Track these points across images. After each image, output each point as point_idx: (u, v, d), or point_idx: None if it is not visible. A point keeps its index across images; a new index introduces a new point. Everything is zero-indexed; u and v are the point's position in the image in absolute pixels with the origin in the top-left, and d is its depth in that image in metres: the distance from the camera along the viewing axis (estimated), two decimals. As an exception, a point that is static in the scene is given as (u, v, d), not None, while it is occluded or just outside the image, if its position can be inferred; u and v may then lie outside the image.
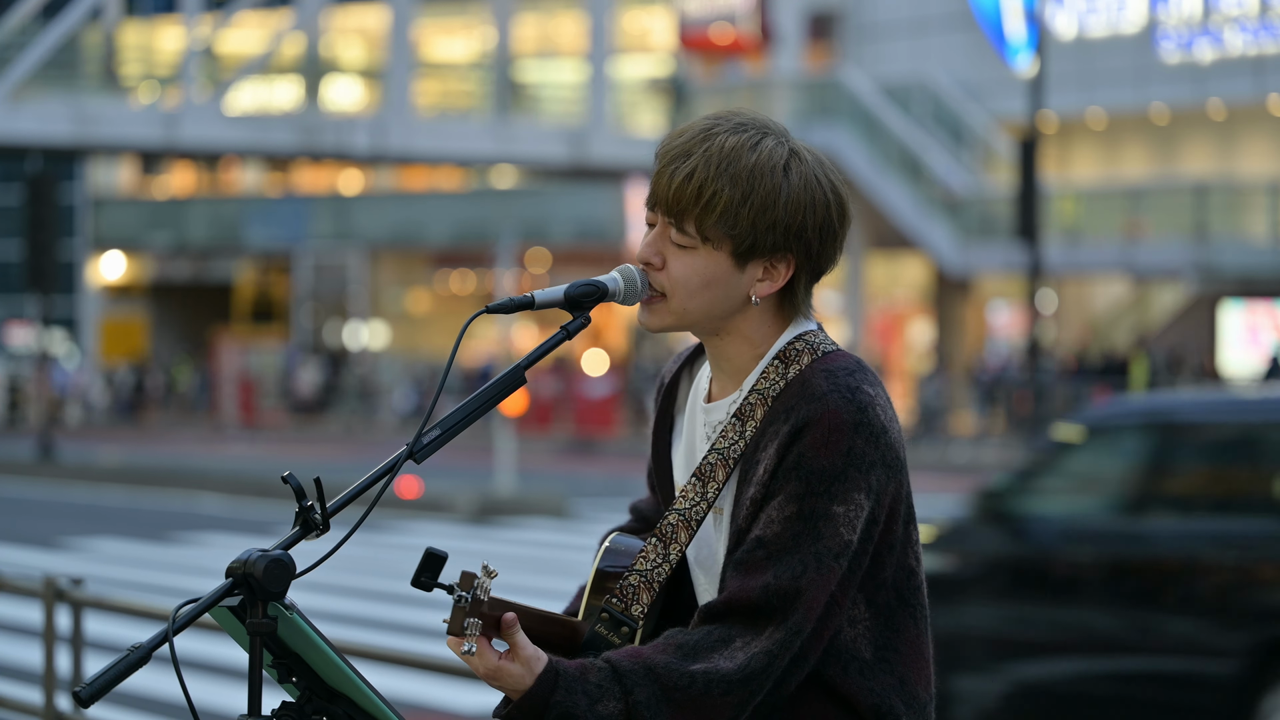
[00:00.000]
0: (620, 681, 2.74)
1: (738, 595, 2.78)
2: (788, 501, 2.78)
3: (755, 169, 2.84)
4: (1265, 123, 39.94)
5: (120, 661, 2.60)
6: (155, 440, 38.67)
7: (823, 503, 2.78)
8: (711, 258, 2.86)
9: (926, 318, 44.16)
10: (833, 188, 2.91)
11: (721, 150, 2.84)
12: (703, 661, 2.76)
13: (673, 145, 2.88)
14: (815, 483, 2.78)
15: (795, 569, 2.77)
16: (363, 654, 5.86)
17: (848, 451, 2.78)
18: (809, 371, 2.85)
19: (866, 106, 41.04)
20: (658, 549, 2.92)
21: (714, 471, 2.88)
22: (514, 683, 2.73)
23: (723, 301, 2.88)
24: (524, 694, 2.73)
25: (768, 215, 2.84)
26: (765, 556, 2.78)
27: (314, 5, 38.43)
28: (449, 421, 2.79)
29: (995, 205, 38.67)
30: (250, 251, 54.47)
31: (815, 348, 2.89)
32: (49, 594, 6.63)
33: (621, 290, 2.90)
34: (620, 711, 2.73)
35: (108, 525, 20.58)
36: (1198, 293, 37.43)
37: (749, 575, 2.79)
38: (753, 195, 2.83)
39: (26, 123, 36.93)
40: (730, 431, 2.88)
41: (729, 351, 2.93)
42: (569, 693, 2.73)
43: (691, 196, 2.84)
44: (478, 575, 2.74)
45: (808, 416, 2.79)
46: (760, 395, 2.87)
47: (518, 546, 18.42)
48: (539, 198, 49.06)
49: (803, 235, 2.86)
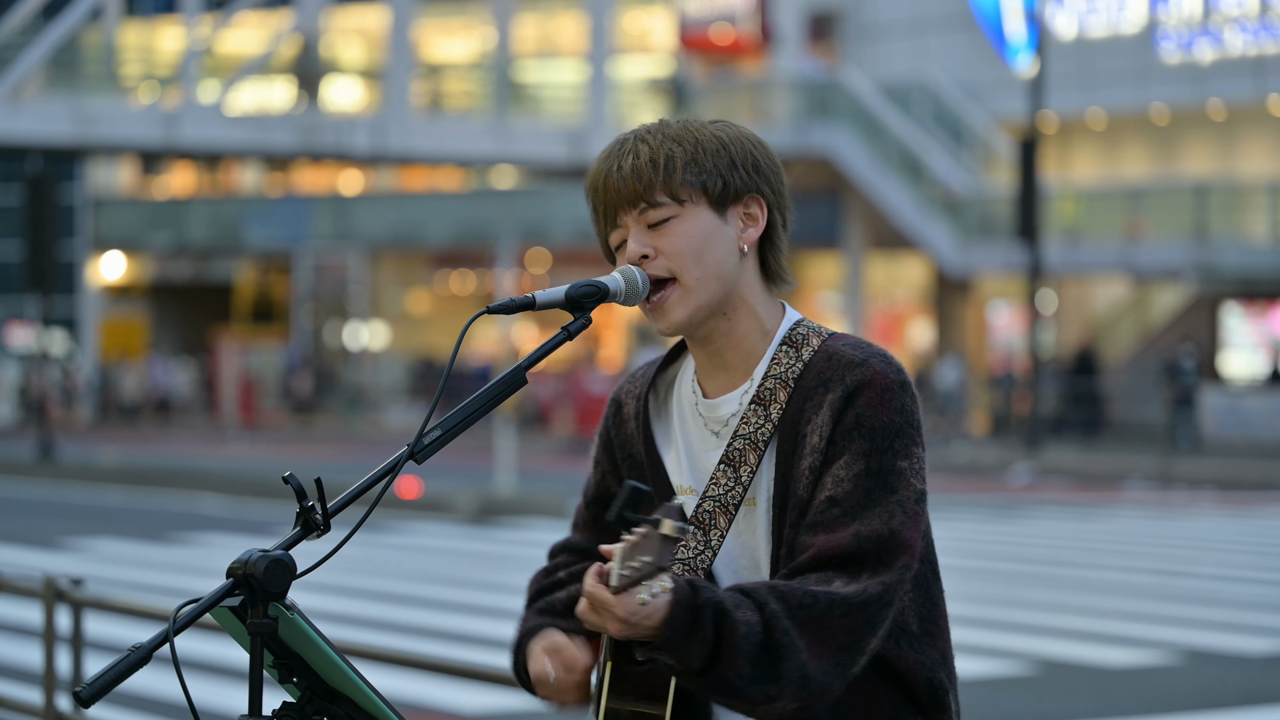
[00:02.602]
0: (750, 595, 2.73)
1: (825, 549, 2.78)
2: (854, 459, 2.81)
3: (688, 129, 2.93)
4: (1265, 123, 39.92)
5: (121, 662, 2.60)
6: (155, 440, 38.67)
7: (889, 459, 2.80)
8: (694, 214, 2.90)
9: (926, 318, 44.16)
10: (756, 137, 2.98)
11: (650, 132, 2.93)
12: (819, 586, 2.75)
13: (599, 166, 2.94)
14: (880, 439, 2.81)
15: (883, 515, 2.78)
16: (363, 654, 5.86)
17: (901, 409, 2.83)
18: (827, 348, 2.90)
19: (866, 107, 41.04)
20: (698, 537, 2.91)
21: (744, 455, 2.89)
22: (653, 603, 2.64)
23: (725, 259, 2.91)
24: (670, 606, 2.65)
25: (724, 156, 2.91)
26: (842, 514, 2.79)
27: (314, 5, 38.43)
28: (450, 422, 2.79)
29: (995, 205, 38.67)
30: (250, 251, 54.46)
31: (819, 331, 2.94)
32: (49, 594, 6.63)
33: (623, 291, 2.90)
34: (758, 621, 2.70)
35: (108, 525, 20.57)
36: (1198, 293, 37.42)
37: (831, 531, 2.79)
38: (700, 145, 2.91)
39: (26, 123, 36.94)
40: (753, 417, 2.89)
41: (739, 333, 2.94)
42: (712, 591, 2.71)
43: (648, 169, 2.89)
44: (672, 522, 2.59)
45: (859, 379, 2.83)
46: (778, 380, 2.89)
47: (518, 547, 18.42)
48: (539, 198, 49.05)
49: (760, 170, 2.93)
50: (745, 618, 2.69)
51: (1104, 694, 10.94)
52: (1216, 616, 13.84)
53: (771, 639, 2.69)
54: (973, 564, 16.69)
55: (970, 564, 16.63)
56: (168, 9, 49.24)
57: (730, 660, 2.68)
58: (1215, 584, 15.93)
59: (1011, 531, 20.73)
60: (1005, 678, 11.35)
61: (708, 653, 2.67)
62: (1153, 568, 17.10)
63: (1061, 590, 15.30)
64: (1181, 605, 14.46)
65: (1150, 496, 25.95)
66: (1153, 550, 18.81)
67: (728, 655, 2.67)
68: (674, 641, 2.66)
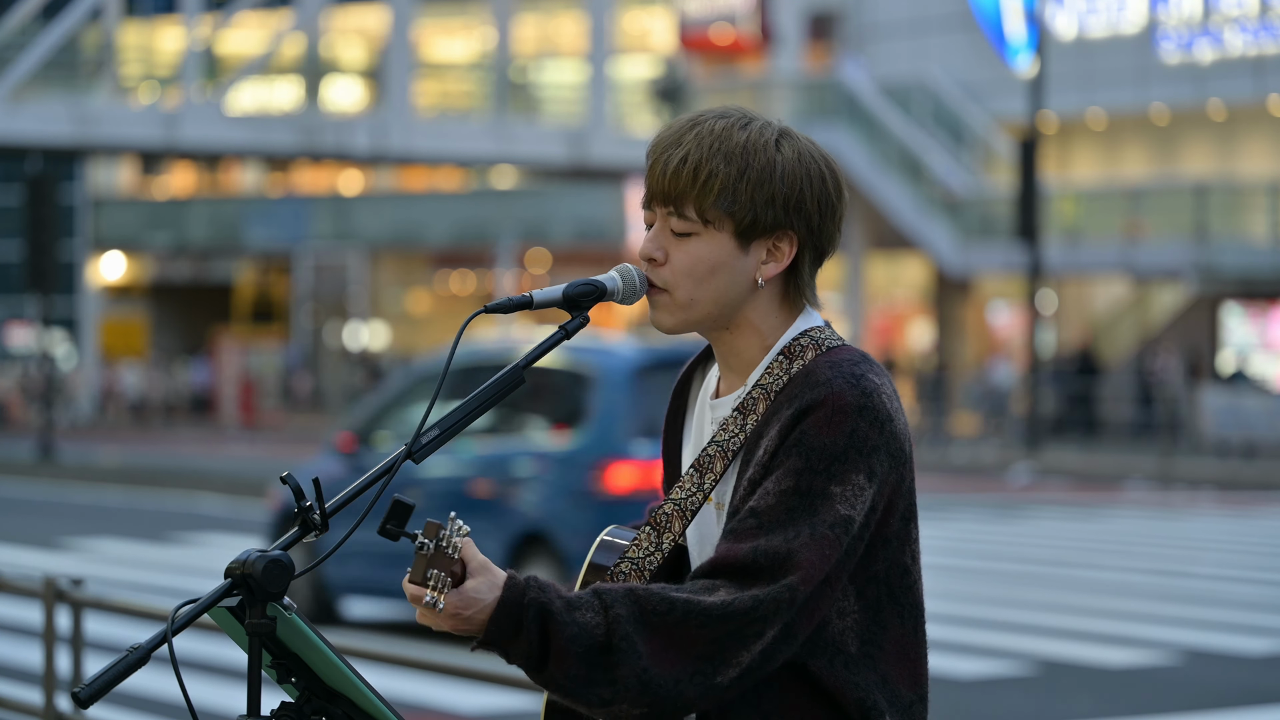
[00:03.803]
0: (600, 597, 2.71)
1: (724, 556, 2.75)
2: (785, 476, 2.76)
3: (748, 145, 2.84)
4: (1265, 123, 39.93)
5: (119, 662, 2.60)
6: (155, 440, 38.67)
7: (820, 480, 2.75)
8: (714, 240, 2.85)
9: (926, 318, 44.15)
10: (826, 162, 2.89)
11: (712, 132, 2.85)
12: (685, 594, 2.73)
13: (662, 139, 2.88)
14: (815, 460, 2.75)
15: (788, 534, 2.73)
16: (363, 654, 5.85)
17: (850, 433, 2.76)
18: (813, 364, 2.84)
19: (866, 107, 41.04)
20: (650, 537, 2.91)
21: (712, 463, 2.87)
22: (482, 600, 2.67)
23: (730, 288, 2.87)
24: (495, 604, 2.67)
25: (766, 189, 2.83)
26: (756, 525, 2.75)
27: (314, 5, 38.43)
28: (448, 421, 2.79)
29: (995, 205, 38.67)
30: (250, 252, 54.46)
31: (820, 343, 2.88)
32: (49, 594, 6.63)
33: (620, 289, 2.89)
34: (599, 624, 2.69)
35: (108, 525, 20.57)
36: (1198, 293, 37.43)
37: (738, 540, 2.76)
38: (749, 170, 2.83)
39: (26, 123, 36.92)
40: (731, 424, 2.87)
41: (739, 346, 2.91)
42: (543, 591, 2.69)
43: (688, 179, 2.83)
44: (444, 526, 2.63)
45: (812, 399, 2.78)
46: (763, 390, 2.86)
47: (518, 547, 18.39)
48: (539, 198, 49.05)
49: (802, 208, 2.86)
50: (582, 619, 2.68)
51: (1104, 694, 10.93)
52: (1216, 616, 13.84)
53: (610, 643, 2.69)
54: (973, 564, 16.69)
55: (970, 564, 16.63)
56: (168, 9, 49.22)
57: (559, 661, 2.69)
58: (1215, 584, 15.93)
59: (1011, 531, 20.73)
60: (1005, 678, 11.35)
61: (535, 652, 2.69)
62: (1152, 568, 17.10)
63: (1061, 590, 15.30)
64: (1181, 605, 14.46)
65: (1150, 496, 25.95)
66: (1152, 550, 18.82)
67: (555, 655, 2.68)
68: (497, 638, 2.69)
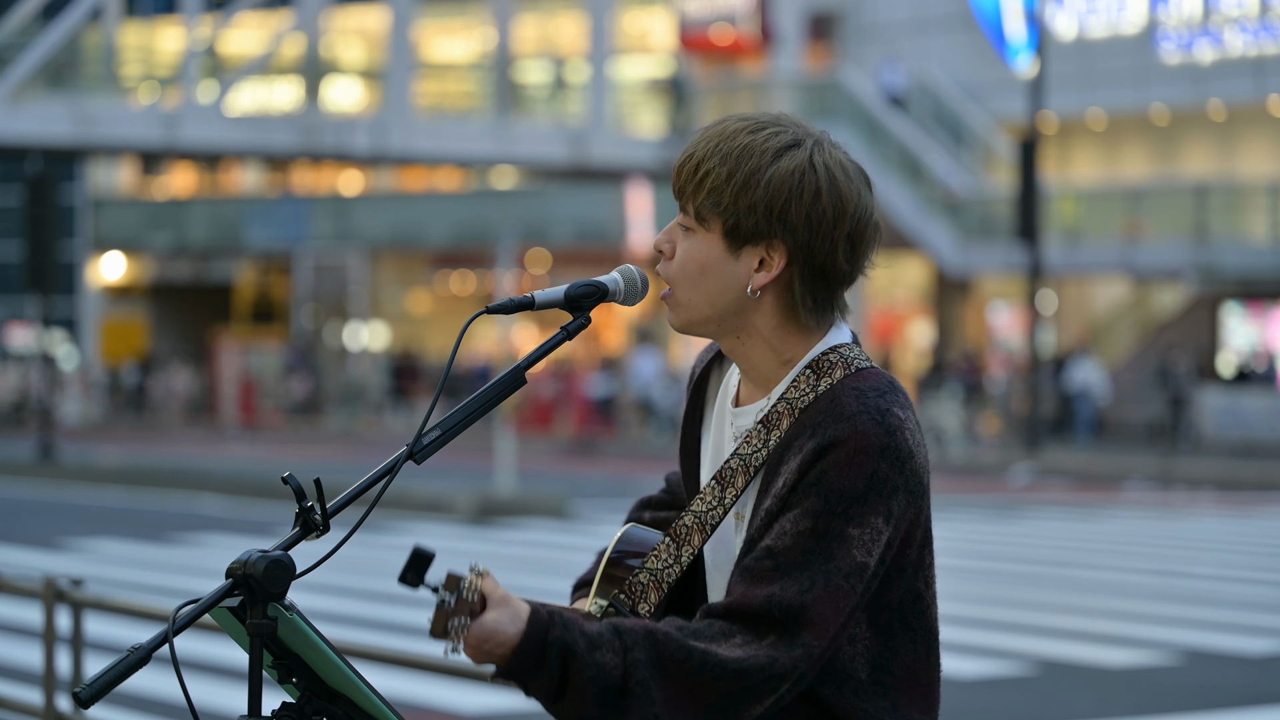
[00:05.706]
0: (621, 637, 2.71)
1: (740, 602, 2.75)
2: (803, 516, 2.75)
3: (745, 149, 2.83)
4: (1265, 123, 39.93)
5: (120, 662, 2.60)
6: (155, 440, 38.67)
7: (838, 523, 2.74)
8: (706, 240, 2.85)
9: (926, 318, 44.15)
10: (830, 180, 2.83)
11: (723, 133, 2.86)
12: (703, 643, 2.73)
13: (695, 135, 2.91)
14: (834, 502, 2.74)
15: (803, 584, 2.73)
16: (363, 654, 5.86)
17: (871, 475, 2.75)
18: (839, 388, 2.81)
19: (866, 107, 41.04)
20: (670, 549, 2.91)
21: (734, 477, 2.86)
22: (504, 632, 2.67)
23: (722, 292, 2.85)
24: (519, 638, 2.67)
25: (749, 194, 2.81)
26: (773, 567, 2.75)
27: (314, 5, 38.43)
28: (449, 422, 2.79)
29: (995, 206, 38.67)
30: (250, 252, 54.45)
31: (849, 362, 2.85)
32: (49, 594, 6.63)
33: (621, 290, 2.90)
34: (617, 665, 2.70)
35: (108, 525, 20.56)
36: (1198, 293, 37.42)
37: (754, 584, 2.75)
38: (736, 173, 2.81)
39: (26, 123, 36.94)
40: (754, 438, 2.85)
41: (753, 357, 2.89)
42: (566, 629, 2.70)
43: (689, 175, 2.85)
44: (465, 577, 2.67)
45: (835, 436, 2.75)
46: (789, 404, 2.83)
47: (517, 547, 18.42)
48: (539, 198, 49.04)
49: (786, 219, 2.81)
50: (602, 660, 2.69)
51: (1104, 694, 10.93)
52: (1216, 616, 13.84)
53: (626, 686, 2.70)
54: (973, 564, 16.69)
55: (970, 564, 16.63)
56: (168, 9, 49.23)
57: (575, 699, 2.70)
58: (1215, 584, 15.93)
59: (1011, 532, 20.73)
60: (1005, 678, 11.35)
61: (553, 688, 2.70)
62: (1152, 568, 17.10)
63: (1061, 590, 15.30)
64: (1181, 605, 14.47)
65: (1150, 497, 25.95)
66: (1152, 550, 18.82)
67: (573, 693, 2.70)
68: (518, 672, 2.70)
